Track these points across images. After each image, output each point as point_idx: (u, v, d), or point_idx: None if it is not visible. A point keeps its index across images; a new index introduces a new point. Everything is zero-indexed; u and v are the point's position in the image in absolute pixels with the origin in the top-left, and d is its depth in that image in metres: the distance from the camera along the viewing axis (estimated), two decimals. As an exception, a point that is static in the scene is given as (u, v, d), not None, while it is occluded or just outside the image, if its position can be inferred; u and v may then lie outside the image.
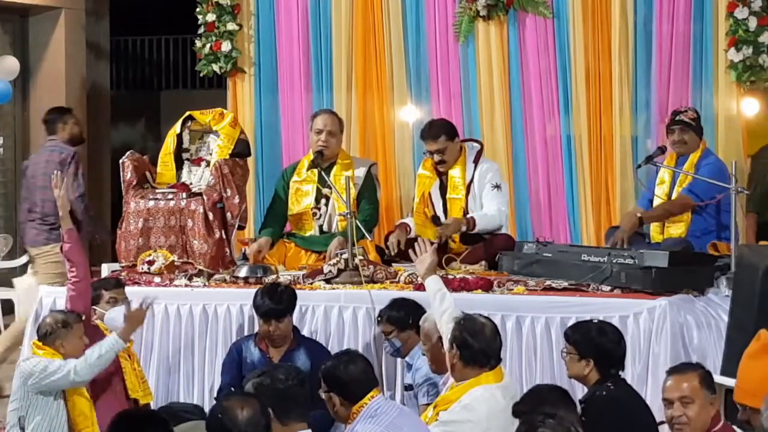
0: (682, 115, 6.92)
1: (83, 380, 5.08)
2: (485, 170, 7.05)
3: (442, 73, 8.25)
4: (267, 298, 5.84)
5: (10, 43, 10.55)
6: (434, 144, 7.02)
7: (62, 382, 5.05)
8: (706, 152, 6.93)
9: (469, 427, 4.48)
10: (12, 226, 10.60)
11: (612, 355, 4.84)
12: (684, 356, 5.58)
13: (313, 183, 7.12)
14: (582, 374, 4.83)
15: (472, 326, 4.71)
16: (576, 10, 7.89)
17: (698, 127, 6.93)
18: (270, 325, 5.84)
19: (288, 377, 4.33)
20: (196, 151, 7.20)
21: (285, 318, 5.85)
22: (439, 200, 7.10)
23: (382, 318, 5.77)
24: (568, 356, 4.88)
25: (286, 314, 5.85)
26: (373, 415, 4.34)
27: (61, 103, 10.43)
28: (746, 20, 7.39)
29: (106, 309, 5.72)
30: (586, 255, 6.19)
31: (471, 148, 7.16)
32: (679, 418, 4.15)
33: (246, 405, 3.82)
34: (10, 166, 10.69)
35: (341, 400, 4.40)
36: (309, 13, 8.54)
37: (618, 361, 4.88)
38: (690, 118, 6.90)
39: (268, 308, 5.82)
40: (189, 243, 6.72)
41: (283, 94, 8.65)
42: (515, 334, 5.89)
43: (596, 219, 7.85)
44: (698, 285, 5.97)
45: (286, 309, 5.86)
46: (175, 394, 6.39)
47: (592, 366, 4.80)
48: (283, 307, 5.84)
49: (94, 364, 5.06)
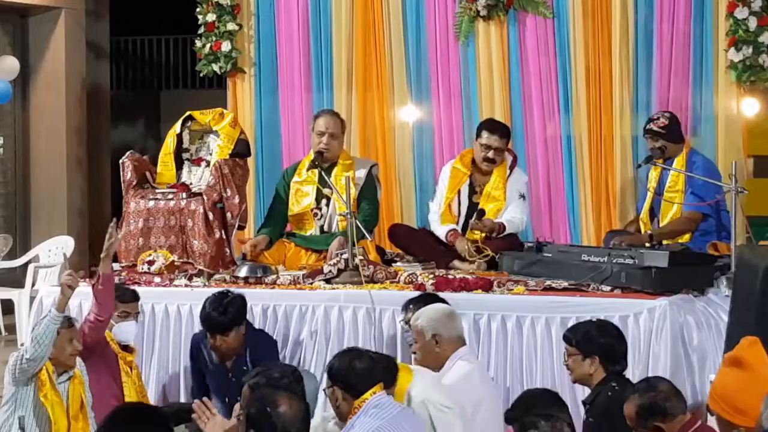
0: (652, 124, 6.99)
1: (34, 357, 4.90)
2: (517, 179, 7.11)
3: (442, 73, 8.25)
4: (211, 309, 5.69)
5: (10, 43, 10.55)
6: (500, 141, 7.02)
7: (23, 365, 4.93)
8: (691, 153, 6.95)
9: None
10: (12, 226, 10.61)
11: (615, 351, 4.86)
12: (684, 356, 5.59)
13: (314, 184, 7.12)
14: (587, 374, 4.83)
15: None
16: (576, 10, 7.88)
17: (671, 133, 6.92)
18: (215, 339, 5.72)
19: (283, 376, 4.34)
20: (196, 151, 7.20)
21: (231, 332, 5.70)
22: (466, 200, 7.09)
23: (411, 306, 5.64)
24: (571, 358, 4.88)
25: (231, 328, 5.69)
26: (374, 407, 4.35)
27: (61, 103, 10.47)
28: (746, 20, 7.39)
29: (117, 321, 5.66)
30: (586, 255, 6.19)
31: (507, 158, 7.18)
32: None
33: (293, 403, 3.85)
34: (10, 166, 10.68)
35: (344, 395, 4.41)
36: (309, 13, 8.53)
37: (622, 357, 4.90)
38: (659, 126, 6.92)
39: (212, 322, 5.68)
40: (189, 243, 6.72)
41: (283, 94, 8.64)
42: (515, 334, 5.88)
43: (596, 219, 7.85)
44: (698, 285, 5.97)
45: (231, 322, 5.69)
46: (175, 394, 6.39)
47: (597, 364, 4.81)
48: (227, 321, 5.68)
49: (37, 341, 4.90)
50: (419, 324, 5.18)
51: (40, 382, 5.01)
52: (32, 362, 4.94)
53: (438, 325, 5.12)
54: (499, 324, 5.90)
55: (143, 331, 6.33)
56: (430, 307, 5.31)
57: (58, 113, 10.50)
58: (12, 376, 5.01)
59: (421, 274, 6.45)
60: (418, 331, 5.18)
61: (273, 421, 3.80)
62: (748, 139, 7.67)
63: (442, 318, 5.15)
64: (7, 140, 10.63)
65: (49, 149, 10.58)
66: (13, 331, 9.19)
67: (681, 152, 6.92)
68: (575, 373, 4.90)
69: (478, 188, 7.11)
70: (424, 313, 5.22)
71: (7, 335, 9.45)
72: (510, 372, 5.87)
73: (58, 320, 4.96)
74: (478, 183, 7.12)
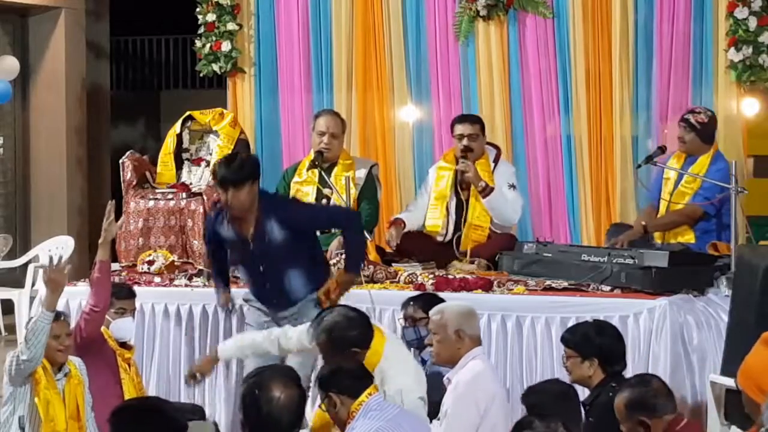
0: (691, 115, 6.86)
1: (30, 357, 4.85)
2: (503, 170, 7.09)
3: (442, 73, 8.25)
4: (226, 164, 5.57)
5: (10, 43, 10.55)
6: (470, 127, 7.04)
7: (18, 366, 4.89)
8: (717, 157, 6.81)
9: None
10: (12, 226, 10.61)
11: (614, 352, 4.86)
12: (684, 356, 5.59)
13: (314, 184, 7.11)
14: (586, 376, 4.83)
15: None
16: (576, 10, 7.88)
17: (704, 132, 6.80)
18: (227, 193, 5.51)
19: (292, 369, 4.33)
20: (196, 151, 7.21)
21: (245, 186, 5.52)
22: (453, 197, 7.09)
23: (414, 303, 5.63)
24: (570, 360, 4.88)
25: (245, 182, 5.52)
26: (373, 409, 4.35)
27: (61, 103, 10.47)
28: (746, 20, 7.39)
29: (114, 318, 5.64)
30: (586, 255, 6.19)
31: (489, 152, 7.17)
32: None
33: (285, 388, 3.79)
34: (10, 166, 10.68)
35: (340, 399, 4.40)
36: (309, 13, 8.53)
37: (620, 358, 4.90)
38: (697, 121, 6.82)
39: (227, 175, 5.50)
40: (189, 243, 6.73)
41: (283, 94, 8.64)
42: (515, 334, 5.89)
43: (596, 219, 7.84)
44: (698, 285, 5.97)
45: (247, 176, 5.54)
46: (175, 394, 6.39)
47: (596, 366, 4.81)
48: (242, 175, 5.52)
49: (29, 341, 4.86)
50: (444, 318, 5.11)
51: (34, 381, 4.97)
52: (28, 363, 4.89)
53: (463, 321, 5.10)
54: (499, 324, 5.91)
55: (143, 331, 6.33)
56: (454, 303, 5.30)
57: (58, 113, 10.50)
58: (9, 377, 4.99)
59: (421, 274, 6.45)
60: (441, 324, 5.11)
61: (260, 404, 3.73)
62: (748, 139, 7.67)
63: (466, 315, 5.14)
64: (7, 140, 10.63)
65: (49, 149, 10.57)
66: (13, 331, 9.19)
67: (707, 153, 6.83)
68: (574, 374, 4.90)
69: (464, 184, 7.10)
70: (448, 307, 5.19)
71: (7, 335, 9.45)
72: (510, 372, 5.88)
73: (49, 318, 4.89)
74: (464, 180, 7.11)
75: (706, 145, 6.84)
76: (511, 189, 7.03)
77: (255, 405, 3.75)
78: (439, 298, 5.65)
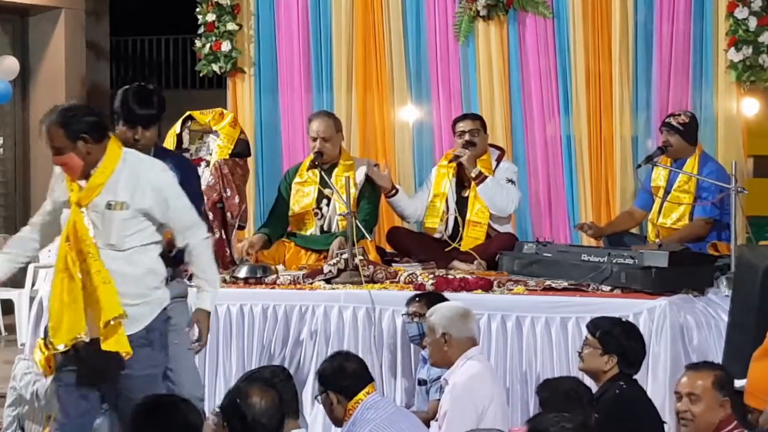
0: (672, 119, 6.93)
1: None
2: (505, 167, 7.14)
3: (442, 73, 8.25)
4: (136, 100, 5.27)
5: (10, 43, 10.56)
6: (471, 123, 7.09)
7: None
8: (704, 158, 6.87)
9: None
10: (12, 226, 10.60)
11: (637, 357, 4.88)
12: (684, 356, 5.59)
13: (315, 184, 7.11)
14: (601, 369, 4.84)
15: None
16: (576, 10, 7.88)
17: (687, 132, 6.84)
18: (135, 131, 5.25)
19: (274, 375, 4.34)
20: (196, 151, 7.20)
21: (153, 126, 5.32)
22: (454, 196, 7.10)
23: (420, 300, 5.64)
24: (589, 350, 4.88)
25: (155, 121, 5.33)
26: (371, 407, 4.36)
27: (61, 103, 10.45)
28: (746, 20, 7.38)
29: None
30: (586, 255, 6.19)
31: (492, 152, 7.19)
32: (684, 413, 4.18)
33: (265, 395, 3.81)
34: (10, 166, 10.69)
35: (338, 398, 4.42)
36: (309, 13, 8.53)
37: (639, 363, 4.92)
38: (679, 122, 6.87)
39: (138, 113, 5.24)
40: (189, 243, 6.71)
41: (283, 94, 8.64)
42: (515, 334, 5.88)
43: (596, 219, 7.83)
44: (698, 285, 5.97)
45: (157, 116, 5.34)
46: (175, 394, 6.38)
47: (614, 363, 4.82)
48: (155, 113, 5.31)
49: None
50: (432, 320, 5.16)
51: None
52: None
53: (449, 324, 5.11)
54: (499, 324, 5.90)
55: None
56: (446, 305, 5.31)
57: (58, 113, 10.49)
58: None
59: (421, 274, 6.45)
60: (429, 327, 5.18)
61: (243, 411, 3.76)
62: (748, 139, 7.67)
63: (455, 317, 5.15)
64: (7, 140, 10.64)
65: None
66: (13, 331, 9.20)
67: (693, 154, 6.86)
68: (587, 363, 4.89)
69: (466, 183, 7.12)
70: (438, 309, 5.21)
71: (7, 335, 9.46)
72: (510, 372, 5.87)
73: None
74: (466, 179, 7.12)
75: (691, 147, 6.89)
76: (510, 183, 7.06)
77: (238, 415, 3.77)
78: (444, 298, 5.66)
